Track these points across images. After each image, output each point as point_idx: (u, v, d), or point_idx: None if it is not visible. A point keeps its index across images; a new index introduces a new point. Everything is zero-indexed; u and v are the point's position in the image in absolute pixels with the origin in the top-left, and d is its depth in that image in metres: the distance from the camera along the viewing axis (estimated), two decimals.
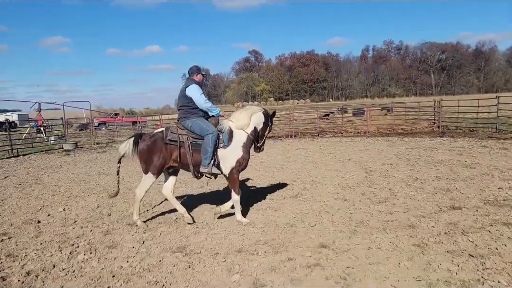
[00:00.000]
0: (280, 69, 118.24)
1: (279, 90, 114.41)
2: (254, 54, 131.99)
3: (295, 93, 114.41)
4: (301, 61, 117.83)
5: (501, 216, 5.04)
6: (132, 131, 25.13)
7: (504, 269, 3.55)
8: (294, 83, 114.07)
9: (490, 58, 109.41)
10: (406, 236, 4.54)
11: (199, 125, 5.35)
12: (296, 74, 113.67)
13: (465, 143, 12.87)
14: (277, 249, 4.36)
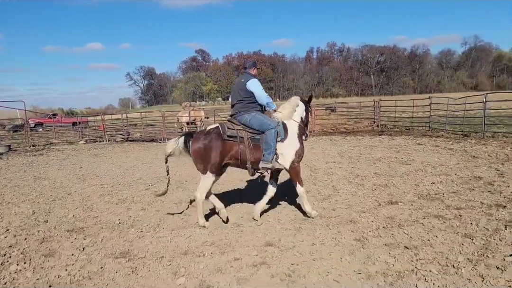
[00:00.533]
0: (227, 68, 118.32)
1: (227, 90, 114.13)
2: (201, 54, 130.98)
3: None
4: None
5: (433, 209, 5.41)
6: (72, 132, 23.88)
7: (435, 258, 3.81)
8: None
9: (424, 60, 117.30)
10: (347, 231, 4.73)
11: (259, 119, 5.21)
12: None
13: (402, 141, 13.65)
14: (223, 249, 4.36)
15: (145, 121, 23.04)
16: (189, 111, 21.73)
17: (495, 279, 3.31)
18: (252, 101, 5.31)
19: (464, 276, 3.40)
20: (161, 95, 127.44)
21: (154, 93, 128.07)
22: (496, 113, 16.77)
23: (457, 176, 7.36)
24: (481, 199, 5.71)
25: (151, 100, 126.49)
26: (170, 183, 5.84)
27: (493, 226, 4.57)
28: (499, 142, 11.37)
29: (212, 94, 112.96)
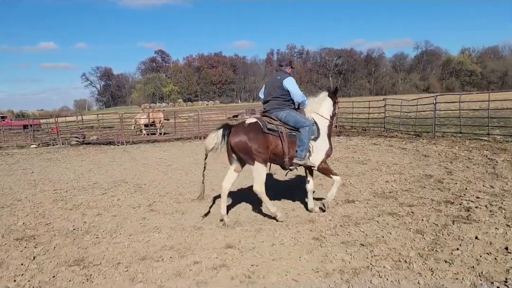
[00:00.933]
0: (188, 70, 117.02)
1: (188, 91, 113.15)
2: (160, 54, 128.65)
3: (204, 94, 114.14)
4: (209, 62, 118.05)
5: (387, 206, 5.62)
6: (23, 136, 22.67)
7: (389, 254, 3.96)
8: (202, 84, 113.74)
9: (379, 63, 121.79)
10: (306, 231, 4.82)
11: (294, 117, 5.29)
12: (205, 75, 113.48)
13: (359, 141, 14.09)
14: (183, 253, 4.30)
15: (102, 123, 22.30)
16: (147, 113, 21.24)
17: (443, 272, 3.49)
18: (287, 99, 5.42)
19: (415, 271, 3.56)
20: (119, 97, 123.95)
21: (112, 95, 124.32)
22: (446, 114, 17.69)
23: (410, 174, 7.69)
24: (431, 196, 6.01)
25: (108, 102, 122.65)
26: (129, 187, 5.70)
27: (442, 222, 4.81)
28: (448, 142, 12.00)
29: (173, 96, 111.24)
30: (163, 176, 9.02)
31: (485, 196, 5.80)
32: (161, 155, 13.04)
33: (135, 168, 10.50)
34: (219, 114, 28.14)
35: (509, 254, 3.75)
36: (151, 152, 14.11)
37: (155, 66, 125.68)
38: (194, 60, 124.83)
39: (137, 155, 13.34)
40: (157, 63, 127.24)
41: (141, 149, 15.28)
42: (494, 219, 4.79)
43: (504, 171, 7.43)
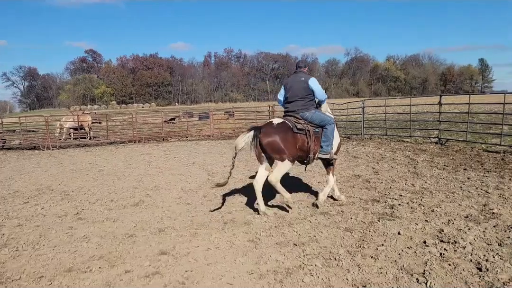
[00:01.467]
0: (122, 71, 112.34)
1: (122, 93, 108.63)
2: (91, 54, 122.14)
3: (139, 96, 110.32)
4: (144, 64, 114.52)
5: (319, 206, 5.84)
6: None
7: (320, 253, 4.11)
8: (138, 86, 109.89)
9: (313, 69, 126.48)
10: (242, 233, 4.84)
11: (319, 116, 5.74)
12: (140, 77, 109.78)
13: None
14: (113, 262, 4.11)
15: (25, 127, 20.64)
16: (75, 116, 19.99)
17: (369, 267, 3.70)
18: (312, 98, 5.82)
19: (344, 267, 3.73)
20: (45, 98, 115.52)
21: (37, 96, 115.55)
22: (373, 117, 18.79)
23: (341, 175, 8.06)
24: (359, 195, 6.35)
25: (33, 104, 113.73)
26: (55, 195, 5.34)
27: (369, 219, 5.10)
28: (375, 143, 12.77)
29: (106, 98, 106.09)
30: (93, 182, 8.57)
31: (407, 194, 6.25)
32: (91, 160, 12.38)
33: (62, 174, 9.86)
34: (155, 117, 27.45)
35: (427, 248, 4.07)
36: (80, 157, 13.34)
37: (86, 66, 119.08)
38: (128, 61, 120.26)
39: (64, 161, 12.54)
40: (87, 63, 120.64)
41: (69, 154, 14.38)
42: (414, 215, 5.19)
43: (424, 170, 8.07)
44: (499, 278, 3.34)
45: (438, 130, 12.61)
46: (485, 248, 3.97)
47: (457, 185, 6.69)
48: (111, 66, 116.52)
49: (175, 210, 6.09)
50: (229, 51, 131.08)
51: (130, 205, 6.51)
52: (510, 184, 6.58)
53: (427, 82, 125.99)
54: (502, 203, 5.48)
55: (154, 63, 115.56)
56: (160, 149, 14.85)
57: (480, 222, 4.76)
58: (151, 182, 8.36)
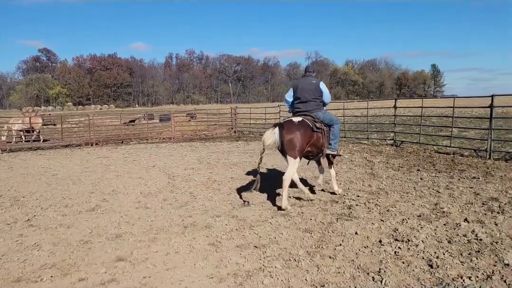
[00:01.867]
0: (79, 71, 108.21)
1: (78, 94, 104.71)
2: (45, 53, 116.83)
3: (97, 97, 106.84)
4: (102, 64, 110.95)
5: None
6: None
7: (280, 254, 4.15)
8: (95, 87, 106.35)
9: (275, 72, 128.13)
10: (202, 237, 4.79)
11: (328, 116, 6.36)
12: (98, 77, 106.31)
13: (256, 146, 14.55)
14: (67, 271, 3.94)
15: None
16: (25, 118, 18.91)
17: (327, 267, 3.77)
18: (321, 99, 6.35)
19: (304, 268, 3.78)
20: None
21: None
22: None
23: (301, 176, 8.17)
24: (319, 197, 6.48)
25: None
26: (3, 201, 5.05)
27: (327, 220, 5.21)
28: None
29: (61, 99, 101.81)
30: (47, 187, 8.18)
31: (364, 195, 6.45)
32: (45, 164, 11.81)
33: (12, 179, 9.34)
34: (113, 118, 26.67)
35: (382, 246, 4.22)
36: (33, 161, 12.70)
37: (39, 66, 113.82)
38: (85, 61, 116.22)
39: (15, 165, 11.88)
40: (41, 62, 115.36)
41: (20, 158, 13.64)
42: (371, 215, 5.36)
43: (380, 171, 8.35)
44: (449, 274, 3.51)
45: (393, 133, 13.12)
46: (436, 246, 4.16)
47: (411, 186, 6.98)
48: (67, 66, 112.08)
49: (133, 214, 5.93)
50: (191, 53, 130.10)
51: (85, 211, 6.27)
52: (459, 184, 6.95)
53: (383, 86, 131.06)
54: (451, 202, 5.77)
55: (113, 63, 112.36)
56: (119, 152, 14.42)
57: (432, 220, 4.99)
58: (108, 186, 8.10)
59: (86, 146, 17.30)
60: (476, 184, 6.90)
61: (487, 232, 4.47)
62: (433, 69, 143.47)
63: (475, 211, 5.32)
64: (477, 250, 3.99)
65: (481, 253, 3.89)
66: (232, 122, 21.40)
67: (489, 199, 5.83)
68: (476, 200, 5.86)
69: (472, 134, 13.48)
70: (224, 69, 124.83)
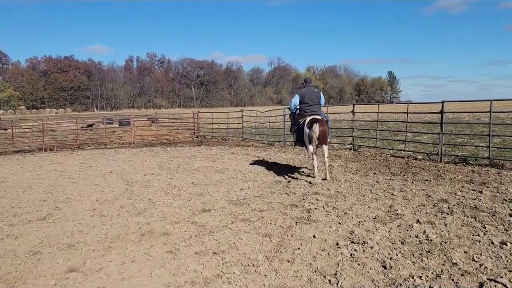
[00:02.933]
0: (32, 73, 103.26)
1: (32, 98, 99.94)
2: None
3: (52, 101, 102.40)
4: (58, 66, 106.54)
5: (240, 213, 5.88)
6: None
7: (239, 260, 4.12)
8: (51, 90, 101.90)
9: (238, 76, 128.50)
10: (160, 244, 4.68)
11: (324, 114, 8.65)
12: (53, 80, 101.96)
13: (218, 150, 14.49)
14: (12, 284, 3.72)
15: None
16: None
17: (285, 271, 3.79)
18: (320, 103, 8.57)
19: (262, 273, 3.78)
20: None
21: None
22: None
23: (262, 181, 8.22)
24: (279, 201, 6.52)
25: None
26: None
27: (287, 224, 5.26)
28: (296, 150, 13.25)
29: (13, 102, 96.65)
30: None
31: (323, 198, 6.57)
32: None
33: None
34: (70, 123, 25.67)
35: (339, 249, 4.30)
36: None
37: None
38: (40, 62, 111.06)
39: None
40: None
41: None
42: (329, 218, 5.46)
43: (338, 175, 8.55)
44: (401, 274, 3.63)
45: (352, 137, 13.48)
46: (390, 247, 4.30)
47: (367, 189, 7.19)
48: (19, 68, 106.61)
49: (88, 223, 5.71)
50: (152, 56, 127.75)
51: (36, 220, 5.96)
52: (412, 186, 7.24)
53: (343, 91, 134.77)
54: (405, 204, 5.99)
55: (70, 65, 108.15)
56: (75, 158, 13.87)
57: (386, 222, 5.15)
58: (62, 194, 7.76)
59: (39, 151, 16.54)
60: (428, 186, 7.21)
61: (437, 232, 4.67)
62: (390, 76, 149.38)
63: (427, 212, 5.55)
64: (427, 250, 4.16)
65: (431, 253, 4.06)
66: (194, 127, 21.18)
67: (439, 201, 6.11)
68: (427, 202, 6.11)
69: (425, 138, 14.10)
70: (187, 73, 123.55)
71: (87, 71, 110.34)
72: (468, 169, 8.72)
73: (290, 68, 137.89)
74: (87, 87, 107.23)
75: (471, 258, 3.90)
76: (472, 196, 6.35)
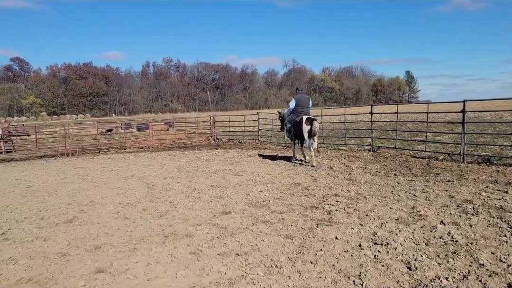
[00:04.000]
0: (53, 80, 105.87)
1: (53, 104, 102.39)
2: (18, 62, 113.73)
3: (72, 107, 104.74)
4: (77, 73, 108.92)
5: (261, 215, 5.91)
6: None
7: (262, 261, 4.16)
8: (71, 97, 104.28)
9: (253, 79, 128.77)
10: (183, 246, 4.76)
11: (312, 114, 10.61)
12: (73, 86, 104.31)
13: (235, 153, 14.56)
14: (44, 284, 3.84)
15: None
16: None
17: (309, 272, 3.81)
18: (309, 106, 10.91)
19: (285, 274, 3.81)
20: None
21: None
22: None
23: (281, 183, 8.24)
24: (299, 202, 6.53)
25: None
26: None
27: (308, 226, 5.26)
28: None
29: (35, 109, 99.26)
30: (21, 199, 7.95)
31: (343, 200, 6.54)
32: (19, 176, 11.48)
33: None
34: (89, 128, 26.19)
35: (362, 250, 4.29)
36: (6, 173, 12.32)
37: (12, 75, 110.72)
38: (60, 70, 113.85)
39: None
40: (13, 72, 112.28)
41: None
42: (350, 219, 5.44)
43: (358, 177, 8.49)
44: (427, 275, 3.60)
45: (370, 138, 13.37)
46: (414, 248, 4.26)
47: (388, 190, 7.13)
48: (40, 75, 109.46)
49: (112, 225, 5.83)
50: (168, 61, 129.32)
51: (62, 222, 6.12)
52: (434, 187, 7.14)
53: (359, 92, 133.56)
54: (428, 205, 5.92)
55: (88, 72, 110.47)
56: (96, 162, 14.16)
57: (409, 223, 5.11)
58: (86, 197, 7.94)
59: (61, 156, 16.93)
60: (451, 187, 7.11)
61: (462, 233, 4.61)
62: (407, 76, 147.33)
63: (451, 213, 5.47)
64: (453, 251, 4.11)
65: (457, 254, 4.01)
66: (211, 130, 21.35)
67: (463, 202, 6.02)
68: (451, 202, 6.03)
69: (446, 138, 13.88)
70: (202, 77, 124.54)
71: (105, 77, 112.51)
72: (492, 169, 8.56)
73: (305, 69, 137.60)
74: (105, 93, 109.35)
75: (498, 259, 3.84)
76: (497, 196, 6.23)
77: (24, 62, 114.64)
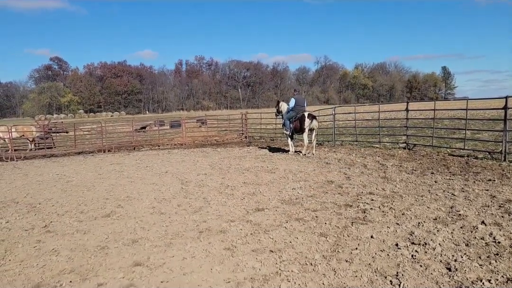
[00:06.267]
0: (89, 79, 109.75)
1: (90, 102, 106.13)
2: (57, 62, 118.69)
3: (108, 105, 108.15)
4: (113, 71, 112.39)
5: (294, 212, 5.89)
6: None
7: (296, 259, 4.15)
8: (106, 95, 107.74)
9: (284, 76, 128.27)
10: (218, 242, 4.82)
11: None
12: (109, 85, 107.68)
13: (267, 151, 14.57)
14: (85, 275, 3.99)
15: None
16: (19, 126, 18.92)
17: (344, 271, 3.76)
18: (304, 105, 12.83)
19: (320, 272, 3.78)
20: (8, 107, 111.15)
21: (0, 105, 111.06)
22: (344, 124, 19.21)
23: (314, 181, 8.17)
24: (333, 200, 6.46)
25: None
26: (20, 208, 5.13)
27: (342, 224, 5.20)
28: (346, 149, 13.04)
29: (72, 106, 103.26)
30: (62, 194, 8.30)
31: (378, 198, 6.41)
32: (59, 171, 11.99)
33: (28, 186, 9.50)
34: (125, 125, 26.94)
35: (399, 250, 4.19)
36: (47, 168, 12.90)
37: (51, 74, 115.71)
38: (96, 69, 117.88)
39: (30, 172, 12.08)
40: (53, 71, 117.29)
41: (35, 165, 13.87)
42: (386, 218, 5.32)
43: (393, 175, 8.30)
44: (468, 277, 3.48)
45: (405, 136, 13.02)
46: (453, 249, 4.12)
47: (425, 189, 6.92)
48: (78, 74, 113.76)
49: (148, 220, 5.99)
50: (200, 59, 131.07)
51: (101, 216, 6.35)
52: (474, 186, 6.87)
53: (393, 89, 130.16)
54: (467, 205, 5.71)
55: (123, 70, 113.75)
56: (131, 159, 14.56)
57: (448, 223, 4.94)
58: (122, 192, 8.18)
59: (98, 152, 17.51)
60: (492, 186, 6.82)
61: (505, 234, 4.42)
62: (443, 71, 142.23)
63: (492, 213, 5.25)
64: (495, 253, 3.95)
65: (500, 256, 3.85)
66: (242, 128, 21.46)
67: (506, 202, 5.76)
68: (492, 202, 5.78)
69: (485, 136, 13.31)
70: (234, 75, 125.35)
71: (139, 75, 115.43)
72: None
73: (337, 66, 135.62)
74: (140, 91, 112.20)
75: None
76: None
77: (63, 62, 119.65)
